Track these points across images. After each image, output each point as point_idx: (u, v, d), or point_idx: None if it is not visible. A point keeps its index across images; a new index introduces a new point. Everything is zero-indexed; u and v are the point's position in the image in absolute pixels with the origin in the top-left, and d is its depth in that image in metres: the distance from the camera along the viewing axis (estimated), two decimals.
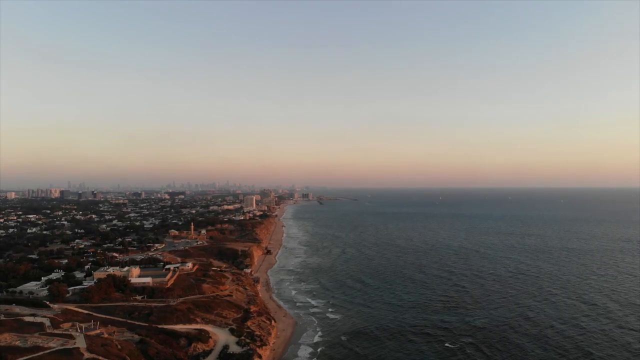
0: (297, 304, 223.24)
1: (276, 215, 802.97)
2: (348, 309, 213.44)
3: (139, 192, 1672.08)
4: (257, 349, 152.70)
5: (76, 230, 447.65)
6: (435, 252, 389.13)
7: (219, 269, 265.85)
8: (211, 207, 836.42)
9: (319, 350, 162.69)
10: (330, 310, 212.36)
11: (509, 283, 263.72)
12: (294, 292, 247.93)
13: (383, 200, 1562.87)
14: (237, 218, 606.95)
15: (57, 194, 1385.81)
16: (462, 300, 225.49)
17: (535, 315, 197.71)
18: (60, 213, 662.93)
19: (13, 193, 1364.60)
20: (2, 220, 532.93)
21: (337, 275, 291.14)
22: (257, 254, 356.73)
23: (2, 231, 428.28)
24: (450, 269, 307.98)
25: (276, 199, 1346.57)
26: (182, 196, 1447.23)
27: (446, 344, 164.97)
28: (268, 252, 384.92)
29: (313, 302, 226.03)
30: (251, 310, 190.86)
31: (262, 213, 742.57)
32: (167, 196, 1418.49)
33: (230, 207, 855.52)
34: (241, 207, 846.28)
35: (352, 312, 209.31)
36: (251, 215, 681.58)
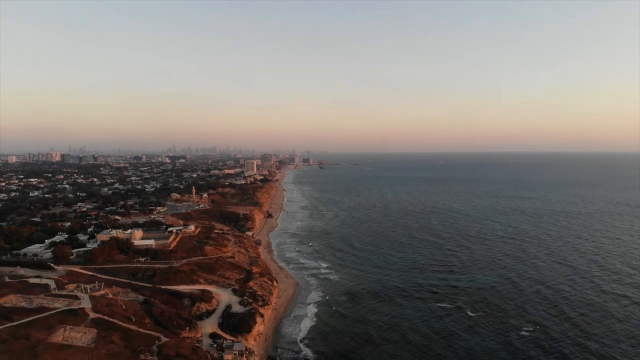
0: (298, 266, 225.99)
1: (277, 180, 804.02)
2: (348, 271, 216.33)
3: (140, 155, 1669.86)
4: (260, 308, 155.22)
5: (78, 193, 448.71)
6: (435, 215, 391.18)
7: (221, 232, 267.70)
8: (212, 171, 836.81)
9: (320, 309, 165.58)
10: (330, 271, 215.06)
11: (507, 246, 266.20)
12: (295, 254, 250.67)
13: (384, 165, 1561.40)
14: (238, 182, 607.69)
15: (57, 158, 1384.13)
16: (460, 263, 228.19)
17: (526, 279, 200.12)
18: (61, 177, 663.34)
19: (14, 157, 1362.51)
20: (3, 184, 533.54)
21: (337, 238, 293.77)
22: (258, 217, 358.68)
23: (4, 195, 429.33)
24: (449, 232, 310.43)
25: (277, 163, 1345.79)
26: (183, 160, 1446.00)
27: (439, 304, 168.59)
28: (269, 215, 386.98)
29: (314, 264, 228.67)
30: (253, 271, 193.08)
31: (262, 177, 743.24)
32: (168, 160, 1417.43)
33: (231, 171, 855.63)
34: (242, 172, 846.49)
35: (351, 273, 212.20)
36: (252, 179, 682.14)
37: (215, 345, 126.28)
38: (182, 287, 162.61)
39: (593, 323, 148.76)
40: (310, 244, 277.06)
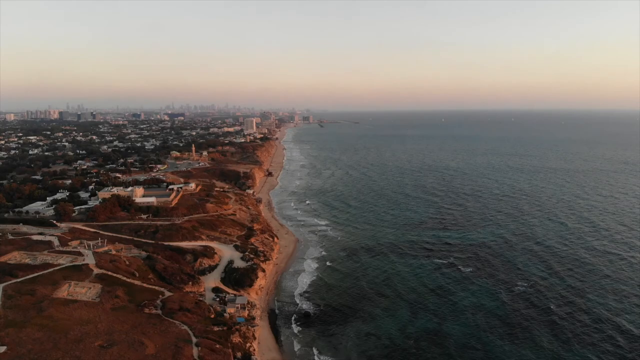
0: (299, 223, 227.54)
1: (277, 138, 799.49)
2: (346, 228, 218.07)
3: (138, 113, 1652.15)
4: (261, 263, 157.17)
5: (78, 151, 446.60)
6: (431, 173, 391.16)
7: (222, 190, 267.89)
8: (211, 129, 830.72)
9: (319, 264, 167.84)
10: (329, 228, 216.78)
11: (501, 204, 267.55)
12: (295, 212, 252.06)
13: (385, 123, 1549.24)
14: (238, 140, 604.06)
15: (56, 115, 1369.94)
16: (455, 220, 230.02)
17: (519, 236, 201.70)
18: (60, 134, 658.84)
19: (12, 115, 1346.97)
20: (2, 142, 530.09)
21: (337, 196, 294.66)
22: (258, 175, 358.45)
23: (3, 153, 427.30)
24: (444, 190, 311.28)
25: (276, 121, 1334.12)
26: (182, 118, 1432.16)
27: (433, 260, 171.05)
28: (269, 174, 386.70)
29: (313, 221, 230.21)
30: (254, 228, 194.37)
31: (262, 136, 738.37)
32: (166, 117, 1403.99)
33: (231, 129, 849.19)
34: (241, 130, 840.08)
35: (349, 230, 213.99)
36: (252, 137, 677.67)
37: (218, 299, 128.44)
38: (185, 244, 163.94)
39: (583, 279, 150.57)
40: (309, 201, 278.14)
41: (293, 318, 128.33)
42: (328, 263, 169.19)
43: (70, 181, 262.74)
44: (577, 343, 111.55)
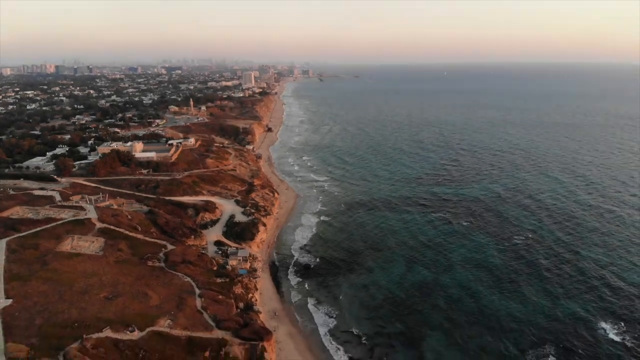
0: (299, 178, 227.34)
1: (276, 93, 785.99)
2: (346, 183, 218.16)
3: (135, 67, 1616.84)
4: (262, 218, 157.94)
5: (75, 106, 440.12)
6: (432, 128, 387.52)
7: (221, 145, 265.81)
8: (209, 83, 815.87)
9: (319, 219, 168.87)
10: (329, 184, 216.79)
11: (500, 158, 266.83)
12: (295, 167, 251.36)
13: (385, 77, 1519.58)
14: (237, 95, 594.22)
15: (52, 70, 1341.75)
16: (454, 175, 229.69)
17: (514, 191, 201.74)
18: (57, 89, 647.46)
19: (8, 69, 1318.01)
20: (0, 97, 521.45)
21: (336, 152, 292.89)
22: (258, 131, 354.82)
23: (1, 108, 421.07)
24: (444, 145, 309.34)
25: (275, 75, 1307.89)
26: (179, 71, 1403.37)
27: (431, 215, 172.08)
28: (269, 129, 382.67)
29: (314, 177, 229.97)
30: (255, 183, 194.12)
31: (261, 90, 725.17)
32: (164, 71, 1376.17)
33: (229, 83, 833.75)
34: (240, 84, 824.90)
35: (349, 185, 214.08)
36: (250, 92, 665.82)
37: (220, 252, 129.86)
38: (186, 198, 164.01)
39: (574, 234, 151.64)
40: (309, 157, 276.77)
41: (293, 270, 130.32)
42: (327, 218, 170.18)
43: (69, 136, 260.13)
44: (567, 296, 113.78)
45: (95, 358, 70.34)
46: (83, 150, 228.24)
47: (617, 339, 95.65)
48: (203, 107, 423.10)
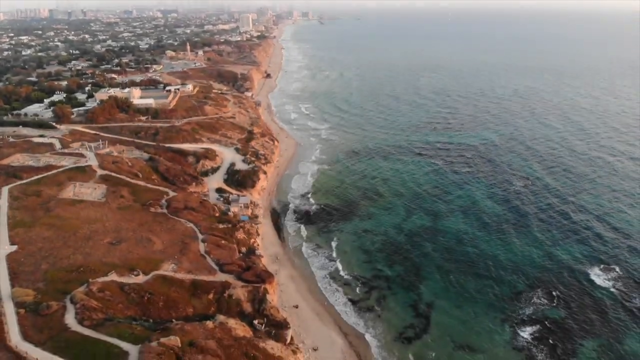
0: (299, 127, 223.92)
1: (274, 37, 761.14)
2: (346, 131, 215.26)
3: (130, 10, 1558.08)
4: (262, 166, 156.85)
5: (71, 51, 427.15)
6: (432, 74, 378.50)
7: (220, 92, 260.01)
8: (206, 27, 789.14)
9: (319, 166, 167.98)
10: (329, 132, 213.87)
11: (498, 105, 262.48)
12: (295, 115, 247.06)
13: (388, 19, 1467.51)
14: (234, 39, 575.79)
15: (45, 14, 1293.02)
16: (451, 123, 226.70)
17: (510, 138, 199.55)
18: (52, 34, 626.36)
19: (1, 14, 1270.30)
20: None
21: (337, 99, 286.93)
22: (256, 77, 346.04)
23: None
24: (444, 91, 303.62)
25: (274, 18, 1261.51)
26: (175, 14, 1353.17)
27: (435, 161, 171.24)
28: (268, 75, 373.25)
29: (313, 125, 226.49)
30: (254, 131, 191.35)
31: (259, 34, 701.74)
32: (159, 14, 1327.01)
33: (226, 26, 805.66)
34: (237, 27, 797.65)
35: (349, 133, 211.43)
36: (248, 36, 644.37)
37: (221, 199, 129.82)
38: (186, 146, 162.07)
39: (570, 183, 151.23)
40: (309, 105, 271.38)
41: (294, 216, 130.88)
42: (327, 166, 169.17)
43: (66, 82, 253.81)
44: (559, 242, 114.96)
45: (102, 301, 71.52)
46: (80, 96, 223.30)
47: (606, 284, 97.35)
48: (200, 52, 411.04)
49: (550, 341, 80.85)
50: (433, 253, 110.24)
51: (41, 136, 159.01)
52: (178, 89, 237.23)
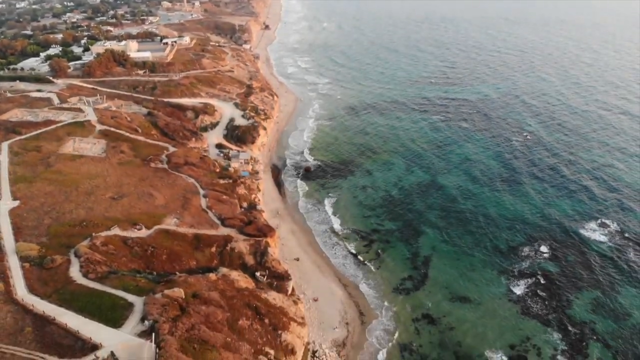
0: (299, 81, 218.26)
1: None
2: (346, 86, 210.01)
3: None
4: (262, 121, 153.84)
5: (65, 3, 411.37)
6: (432, 26, 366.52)
7: (217, 44, 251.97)
8: None
9: (319, 122, 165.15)
10: (329, 86, 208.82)
11: (500, 58, 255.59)
12: (295, 69, 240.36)
13: None
14: None
15: None
16: (451, 76, 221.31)
17: (511, 93, 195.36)
18: None
19: None
20: None
21: (338, 53, 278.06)
22: (255, 29, 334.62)
23: None
24: (444, 44, 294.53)
25: None
26: None
27: (434, 117, 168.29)
28: (266, 27, 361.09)
29: (314, 79, 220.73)
30: (253, 86, 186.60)
31: None
32: None
33: None
34: None
35: (350, 88, 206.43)
36: None
37: (222, 155, 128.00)
38: (184, 100, 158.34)
39: (568, 138, 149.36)
40: (309, 58, 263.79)
41: (294, 172, 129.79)
42: (327, 122, 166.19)
43: (61, 36, 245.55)
44: (557, 196, 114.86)
45: (105, 254, 71.48)
46: (77, 50, 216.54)
47: (600, 239, 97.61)
48: (197, 3, 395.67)
49: (545, 294, 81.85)
50: (431, 208, 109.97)
51: (39, 91, 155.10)
52: (175, 42, 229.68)
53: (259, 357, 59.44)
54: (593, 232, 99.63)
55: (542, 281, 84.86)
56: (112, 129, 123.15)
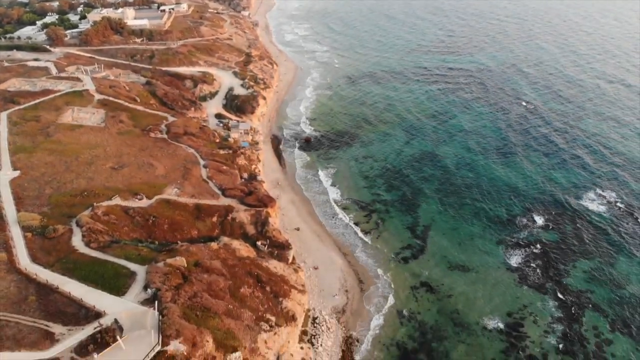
0: (298, 49, 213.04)
1: None
2: (347, 54, 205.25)
3: None
4: (262, 91, 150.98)
5: None
6: None
7: (215, 11, 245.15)
8: None
9: (319, 91, 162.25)
10: (329, 55, 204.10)
11: (500, 26, 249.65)
12: (294, 37, 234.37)
13: None
14: None
15: None
16: (450, 45, 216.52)
17: (510, 62, 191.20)
18: None
19: None
20: None
21: (337, 20, 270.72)
22: None
23: None
24: (443, 12, 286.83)
25: None
26: None
27: (432, 86, 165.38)
28: None
29: (314, 47, 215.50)
30: (252, 54, 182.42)
31: None
32: None
33: None
34: None
35: (350, 56, 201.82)
36: None
37: (221, 125, 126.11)
38: (183, 69, 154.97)
39: (568, 108, 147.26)
40: (309, 25, 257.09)
41: (294, 142, 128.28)
42: (328, 91, 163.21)
43: (57, 3, 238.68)
44: (555, 167, 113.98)
45: (107, 224, 71.08)
46: (73, 18, 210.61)
47: (598, 209, 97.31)
48: None
49: (542, 263, 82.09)
50: (429, 178, 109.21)
51: (36, 60, 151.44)
52: (172, 9, 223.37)
53: (260, 323, 59.92)
54: (591, 202, 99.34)
55: (539, 250, 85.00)
56: (111, 98, 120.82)
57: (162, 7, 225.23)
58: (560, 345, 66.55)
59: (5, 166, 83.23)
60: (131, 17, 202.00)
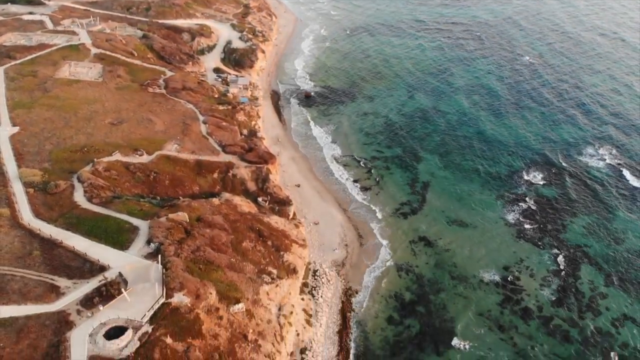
0: (297, 0, 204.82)
1: None
2: (347, 5, 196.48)
3: None
4: (260, 44, 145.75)
5: None
6: None
7: None
8: None
9: (319, 45, 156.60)
10: (329, 6, 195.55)
11: None
12: None
13: None
14: None
15: None
16: None
17: (509, 18, 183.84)
18: None
19: None
20: None
21: None
22: None
23: None
24: None
25: None
26: None
27: (434, 40, 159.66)
28: None
29: None
30: (251, 5, 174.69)
31: None
32: None
33: None
34: None
35: (350, 8, 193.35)
36: None
37: (220, 80, 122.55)
38: (180, 22, 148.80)
39: (565, 64, 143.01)
40: None
41: (295, 98, 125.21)
42: (328, 44, 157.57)
43: None
44: (556, 123, 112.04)
45: (108, 179, 70.20)
46: None
47: (597, 165, 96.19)
48: None
49: (540, 218, 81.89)
50: (434, 133, 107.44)
51: (30, 13, 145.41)
52: None
53: (262, 276, 60.32)
54: (592, 157, 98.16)
55: (538, 206, 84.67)
56: (108, 52, 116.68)
57: None
58: (555, 298, 67.31)
59: (4, 122, 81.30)
60: None
